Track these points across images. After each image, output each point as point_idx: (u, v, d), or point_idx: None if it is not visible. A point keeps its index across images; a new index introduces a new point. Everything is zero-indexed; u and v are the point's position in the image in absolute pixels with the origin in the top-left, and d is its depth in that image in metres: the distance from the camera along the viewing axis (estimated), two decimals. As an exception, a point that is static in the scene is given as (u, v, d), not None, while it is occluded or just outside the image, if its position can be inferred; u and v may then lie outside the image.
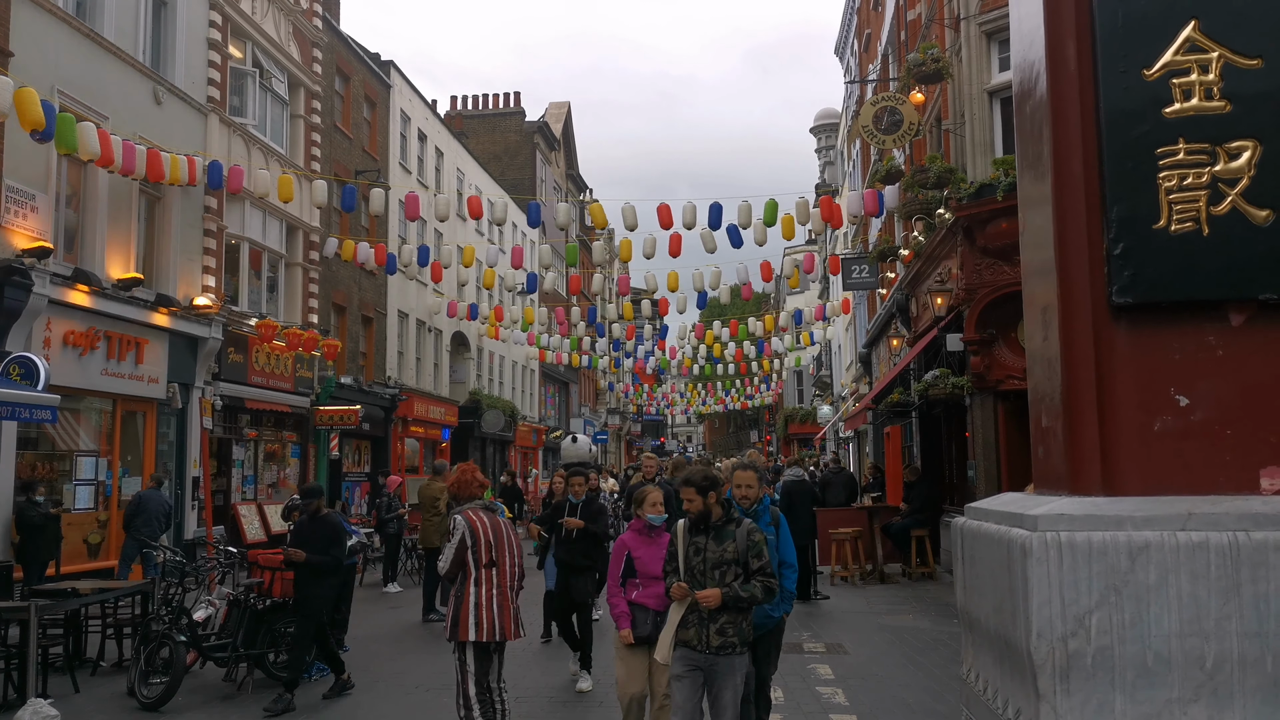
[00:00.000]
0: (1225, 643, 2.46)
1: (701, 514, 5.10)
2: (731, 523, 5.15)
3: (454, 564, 6.21)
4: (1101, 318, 2.75)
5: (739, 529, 5.10)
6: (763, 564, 4.99)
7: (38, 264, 12.83)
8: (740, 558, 5.01)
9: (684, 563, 5.11)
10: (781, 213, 16.71)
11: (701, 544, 5.10)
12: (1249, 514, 2.52)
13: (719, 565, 5.01)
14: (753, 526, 5.16)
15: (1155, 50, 2.74)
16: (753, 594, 4.96)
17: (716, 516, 5.11)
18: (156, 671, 8.69)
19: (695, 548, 5.10)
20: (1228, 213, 2.68)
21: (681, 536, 5.20)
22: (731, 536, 5.08)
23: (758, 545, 5.03)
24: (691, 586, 5.03)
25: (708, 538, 5.09)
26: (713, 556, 5.05)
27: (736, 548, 5.03)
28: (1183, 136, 2.71)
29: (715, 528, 5.11)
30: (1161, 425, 2.71)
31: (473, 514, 6.39)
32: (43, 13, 13.51)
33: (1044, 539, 2.54)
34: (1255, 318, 2.70)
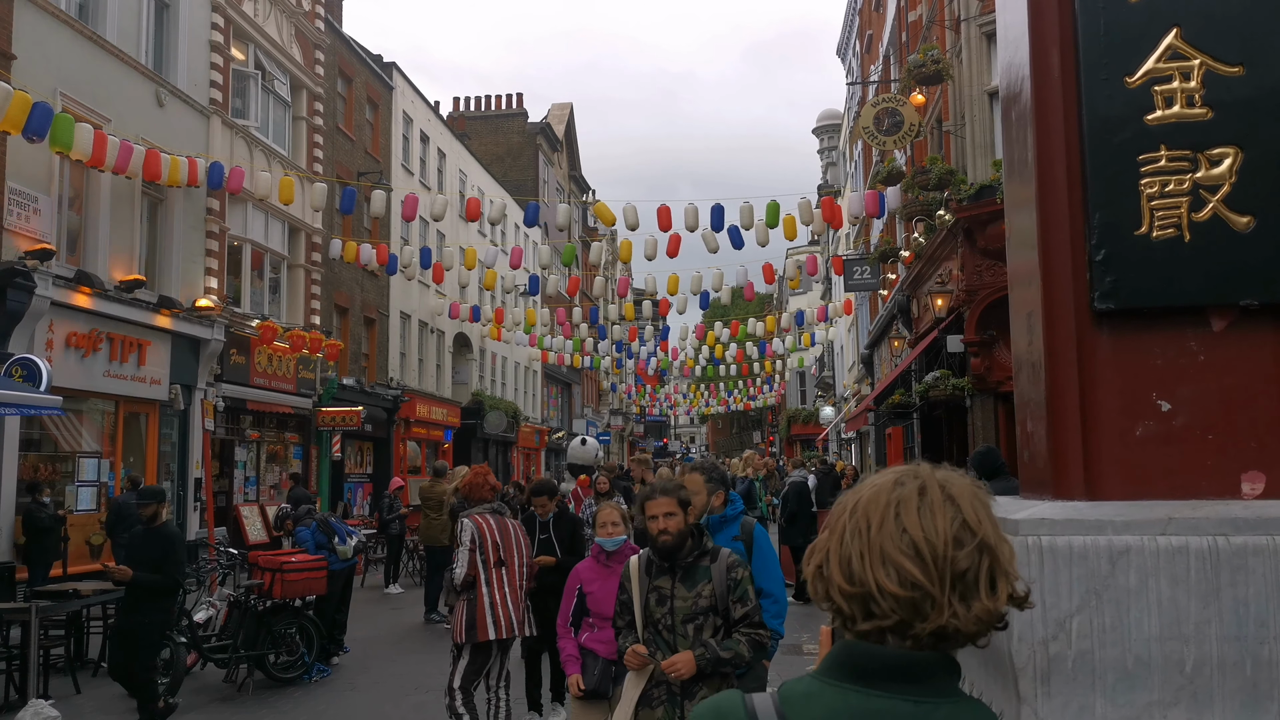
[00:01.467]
0: (1205, 646, 2.48)
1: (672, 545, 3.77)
2: (705, 556, 3.84)
3: (470, 566, 6.32)
4: (1084, 323, 2.77)
5: (715, 564, 3.79)
6: (749, 610, 3.74)
7: (40, 266, 12.88)
8: (719, 604, 3.75)
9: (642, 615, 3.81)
10: (783, 213, 16.74)
11: (666, 589, 3.77)
12: (1229, 518, 2.54)
13: (691, 617, 3.72)
14: (734, 559, 3.84)
15: (1137, 57, 2.76)
16: (738, 653, 3.69)
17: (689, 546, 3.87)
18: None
19: (658, 594, 3.77)
20: (1209, 219, 2.70)
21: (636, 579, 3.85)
22: (706, 576, 3.77)
23: (741, 585, 3.77)
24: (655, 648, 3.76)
25: (674, 579, 3.78)
26: (683, 606, 3.75)
27: (713, 590, 3.75)
28: (1164, 143, 2.73)
29: (684, 566, 3.81)
30: (1143, 430, 2.73)
31: (479, 517, 6.53)
32: (45, 15, 13.58)
33: (1025, 543, 2.56)
34: (1237, 323, 2.71)
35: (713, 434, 77.58)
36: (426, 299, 27.53)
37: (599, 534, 5.04)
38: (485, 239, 30.21)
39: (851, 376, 31.56)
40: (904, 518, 1.28)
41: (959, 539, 1.27)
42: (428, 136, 28.23)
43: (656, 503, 3.82)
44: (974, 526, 1.29)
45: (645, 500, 3.86)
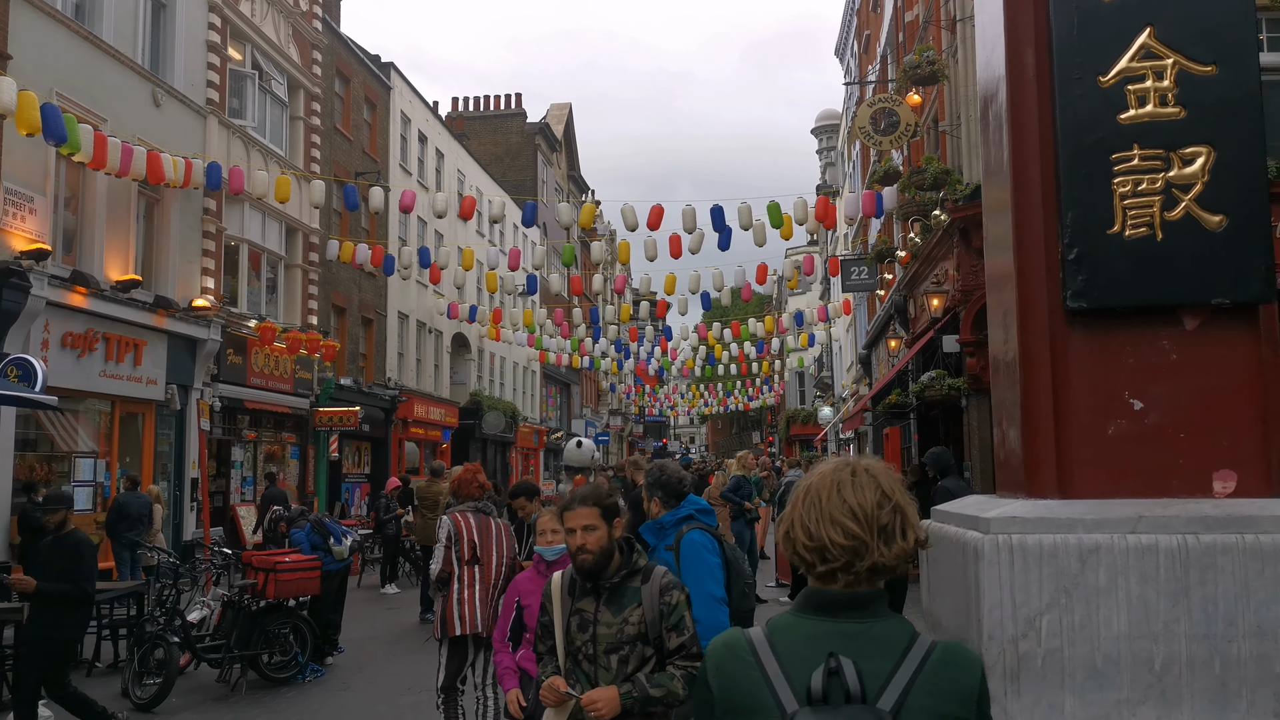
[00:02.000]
0: (1174, 645, 2.48)
1: (592, 564, 3.26)
2: (635, 575, 3.31)
3: (445, 563, 6.37)
4: (1058, 322, 2.77)
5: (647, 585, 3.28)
6: (685, 640, 3.21)
7: (36, 266, 12.88)
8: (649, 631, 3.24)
9: (564, 643, 3.34)
10: (785, 214, 16.75)
11: (589, 612, 3.28)
12: (1199, 517, 2.54)
13: (615, 647, 3.23)
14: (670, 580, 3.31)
15: (1111, 57, 2.77)
16: (671, 691, 3.18)
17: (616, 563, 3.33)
18: (150, 672, 8.74)
19: (580, 619, 3.29)
20: (1181, 218, 2.70)
21: (557, 599, 3.39)
22: (636, 598, 3.26)
23: (677, 611, 3.23)
24: (576, 680, 3.27)
25: (598, 602, 3.28)
26: (607, 633, 3.25)
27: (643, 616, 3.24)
28: (1137, 142, 2.74)
29: (610, 586, 3.29)
30: (1116, 429, 2.73)
31: (459, 515, 6.57)
32: (41, 15, 13.57)
33: (995, 541, 2.56)
34: (1209, 322, 2.72)
35: (712, 434, 77.57)
36: (425, 299, 27.54)
37: (538, 542, 4.62)
38: (484, 239, 30.21)
39: (850, 377, 31.57)
40: (843, 492, 1.81)
41: (880, 503, 1.80)
42: (426, 136, 28.24)
43: (574, 514, 3.31)
44: (890, 495, 1.82)
45: (563, 511, 3.37)
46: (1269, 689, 2.47)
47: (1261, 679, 2.47)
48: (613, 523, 3.35)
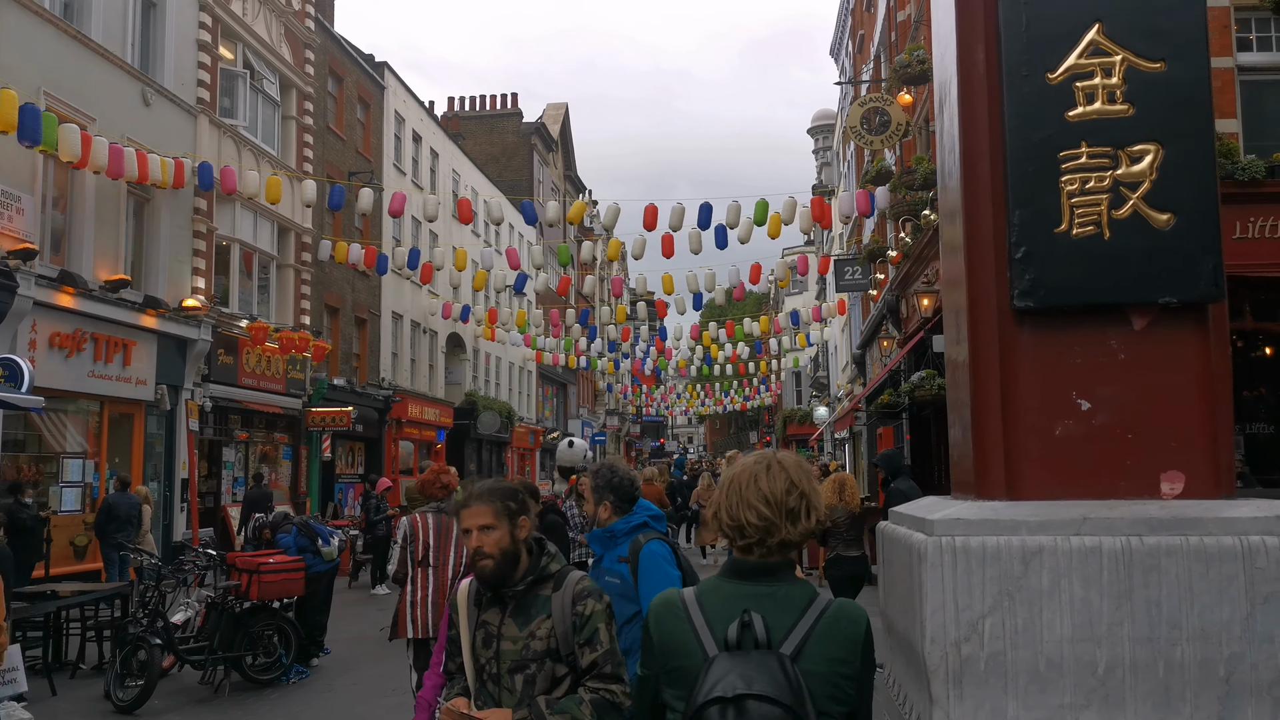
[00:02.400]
0: (1117, 648, 2.45)
1: (492, 570, 2.91)
2: (545, 582, 2.96)
3: (400, 564, 6.39)
4: (1006, 322, 2.74)
5: (558, 593, 2.91)
6: (599, 656, 2.84)
7: (23, 266, 12.86)
8: (561, 647, 2.87)
9: (471, 660, 2.99)
10: (774, 213, 16.72)
11: (494, 625, 2.94)
12: (1144, 518, 2.51)
13: (521, 665, 2.88)
14: (584, 587, 2.93)
15: (1059, 54, 2.74)
16: (575, 718, 2.81)
17: (523, 568, 2.96)
18: (132, 674, 8.71)
19: (485, 633, 2.96)
20: (1129, 216, 2.67)
21: (464, 611, 3.04)
22: (545, 609, 2.91)
23: (591, 624, 2.86)
24: (484, 703, 2.95)
25: (504, 613, 2.94)
26: (511, 649, 2.90)
27: (553, 629, 2.88)
28: (1085, 140, 2.71)
29: (516, 596, 2.95)
30: (1063, 429, 2.70)
31: (418, 515, 6.54)
32: (29, 14, 13.55)
33: (939, 543, 2.53)
34: (1157, 321, 2.68)
35: (710, 434, 77.57)
36: (419, 299, 27.51)
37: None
38: (479, 239, 30.19)
39: (845, 377, 31.54)
40: (759, 482, 2.18)
41: (788, 491, 2.17)
42: (420, 136, 28.21)
43: (470, 512, 2.93)
44: (797, 484, 2.19)
45: (458, 510, 2.99)
46: (1212, 693, 2.44)
47: (1205, 682, 2.44)
48: (516, 522, 2.96)
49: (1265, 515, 2.51)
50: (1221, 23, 12.10)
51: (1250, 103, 12.16)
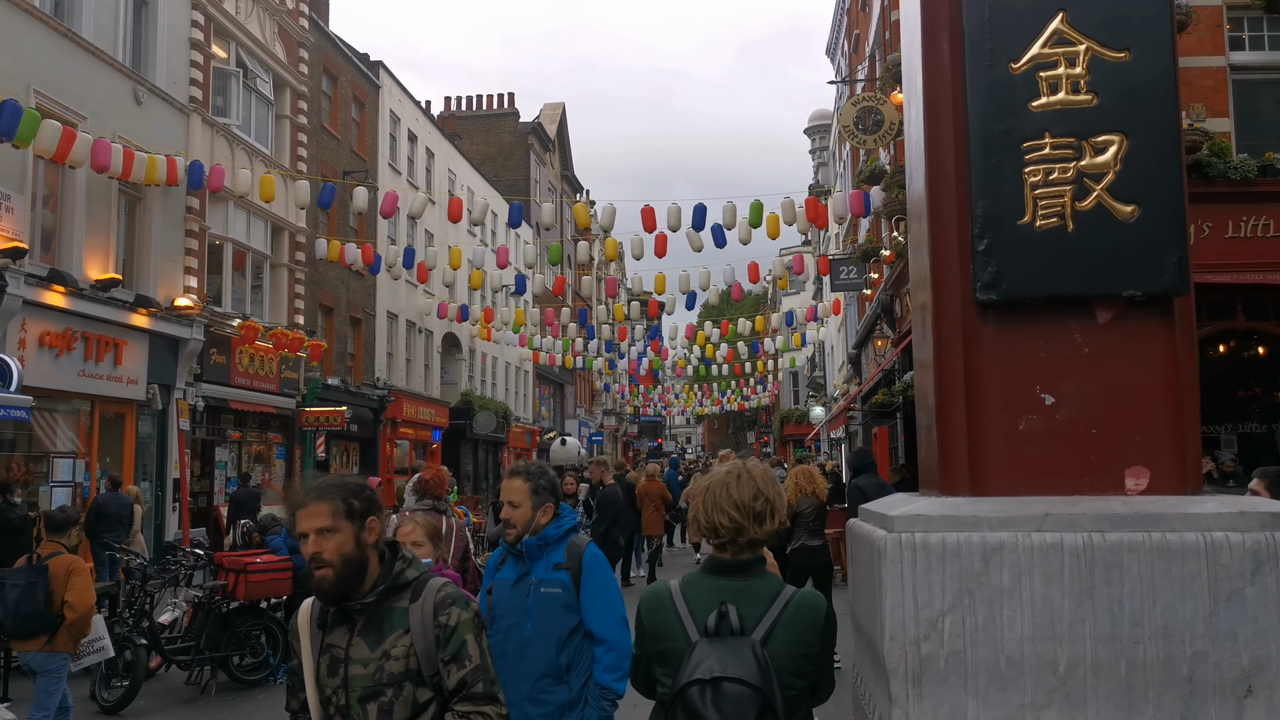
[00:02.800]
0: (1078, 646, 2.41)
1: (332, 582, 2.48)
2: (399, 592, 2.56)
3: None
4: (970, 316, 2.71)
5: (417, 603, 2.53)
6: (467, 674, 2.48)
7: (12, 264, 12.82)
8: (424, 666, 2.50)
9: (316, 693, 2.56)
10: (769, 213, 16.69)
11: (340, 648, 2.54)
12: (1106, 515, 2.47)
13: (374, 693, 2.48)
14: (446, 594, 2.55)
15: (1022, 42, 2.70)
16: None
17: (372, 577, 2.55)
18: (118, 674, 8.68)
19: (330, 657, 2.55)
20: (1093, 208, 2.63)
21: (305, 636, 2.62)
22: (402, 623, 2.51)
23: (456, 635, 2.49)
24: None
25: (352, 632, 2.53)
26: (361, 674, 2.50)
27: (412, 646, 2.49)
28: (1049, 130, 2.67)
29: (365, 611, 2.54)
30: (1027, 425, 2.66)
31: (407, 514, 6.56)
32: (19, 12, 13.51)
33: (898, 540, 2.49)
34: (1121, 315, 2.65)
35: (709, 434, 77.53)
36: (414, 298, 27.47)
37: None
38: (475, 239, 30.14)
39: (841, 376, 31.51)
40: (730, 490, 2.54)
41: (755, 497, 2.53)
42: (415, 136, 28.17)
43: (306, 513, 2.51)
44: (762, 490, 2.54)
45: (294, 509, 2.57)
46: (1175, 692, 2.40)
47: (1168, 681, 2.40)
48: (362, 524, 2.54)
49: (1229, 511, 2.47)
50: (1214, 22, 12.07)
51: (1242, 102, 12.14)
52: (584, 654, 3.56)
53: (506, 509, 3.69)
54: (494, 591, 3.71)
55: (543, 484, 3.72)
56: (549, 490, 3.74)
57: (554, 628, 3.54)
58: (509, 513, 3.67)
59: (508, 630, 3.57)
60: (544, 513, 3.69)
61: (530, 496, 3.67)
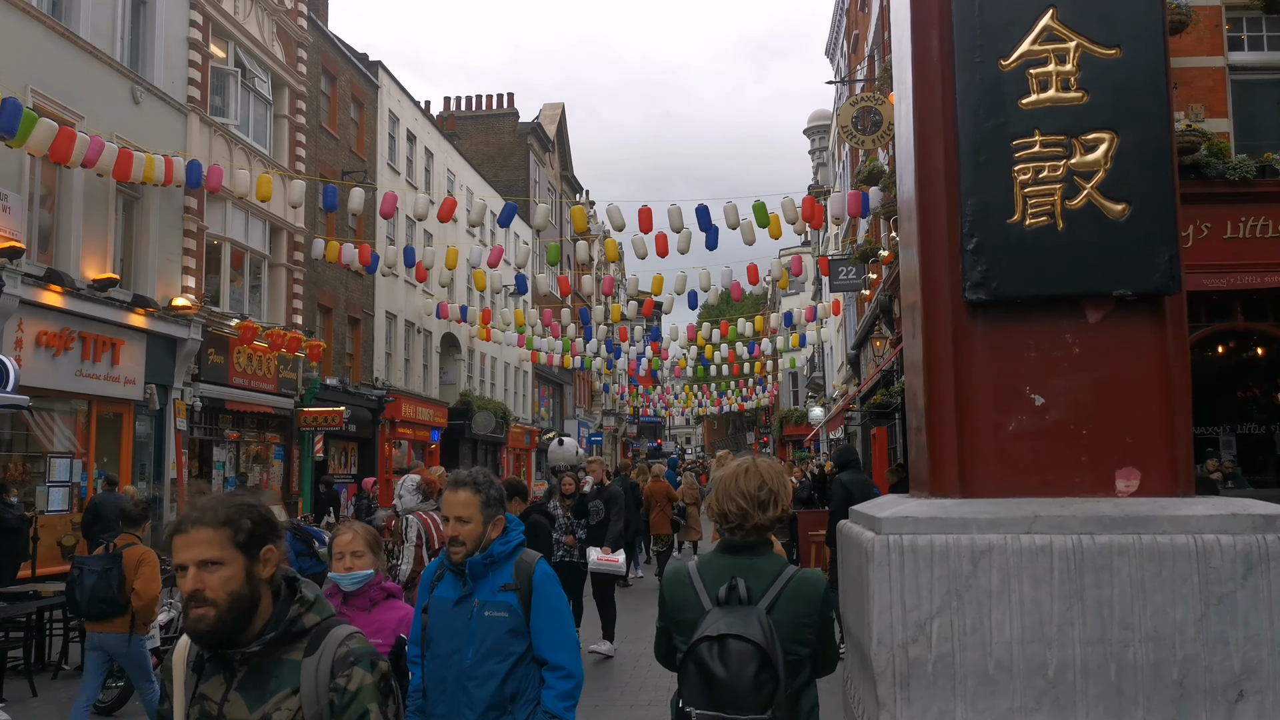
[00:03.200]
0: (1068, 649, 2.38)
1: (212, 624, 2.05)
2: (293, 643, 2.14)
3: (415, 561, 6.44)
4: (960, 315, 2.68)
5: (312, 658, 2.11)
6: None
7: (9, 264, 12.80)
8: None
9: None
10: (770, 213, 16.67)
11: (214, 701, 2.13)
12: (1095, 516, 2.44)
13: None
14: (350, 650, 2.12)
15: (1012, 39, 2.67)
16: None
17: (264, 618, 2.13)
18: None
19: (201, 709, 2.15)
20: (1083, 206, 2.60)
21: (179, 680, 2.22)
22: (292, 680, 2.10)
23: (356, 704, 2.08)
24: None
25: (229, 684, 2.12)
26: None
27: (300, 711, 2.07)
28: (1039, 128, 2.64)
29: (248, 659, 2.11)
30: (1016, 425, 2.63)
31: (424, 514, 6.68)
32: (16, 11, 13.49)
33: (886, 542, 2.46)
34: (1112, 314, 2.62)
35: (708, 434, 77.52)
36: (413, 299, 27.44)
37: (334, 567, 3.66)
38: (474, 239, 30.12)
39: (840, 377, 31.49)
40: (739, 481, 2.84)
41: (760, 488, 2.82)
42: (414, 136, 28.15)
43: (187, 539, 2.07)
44: (767, 482, 2.83)
45: (170, 534, 2.14)
46: (1165, 695, 2.37)
47: (1158, 685, 2.37)
48: (255, 554, 2.09)
49: (1220, 514, 2.44)
50: (1213, 22, 12.05)
51: (1241, 102, 12.11)
52: (531, 682, 3.25)
53: (453, 525, 3.31)
54: (430, 612, 3.33)
55: (493, 494, 3.40)
56: (499, 501, 3.43)
57: (499, 654, 3.21)
58: (457, 529, 3.30)
59: (447, 657, 3.24)
60: (494, 527, 3.37)
61: (481, 509, 3.32)
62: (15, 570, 12.20)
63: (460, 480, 3.39)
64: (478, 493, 3.33)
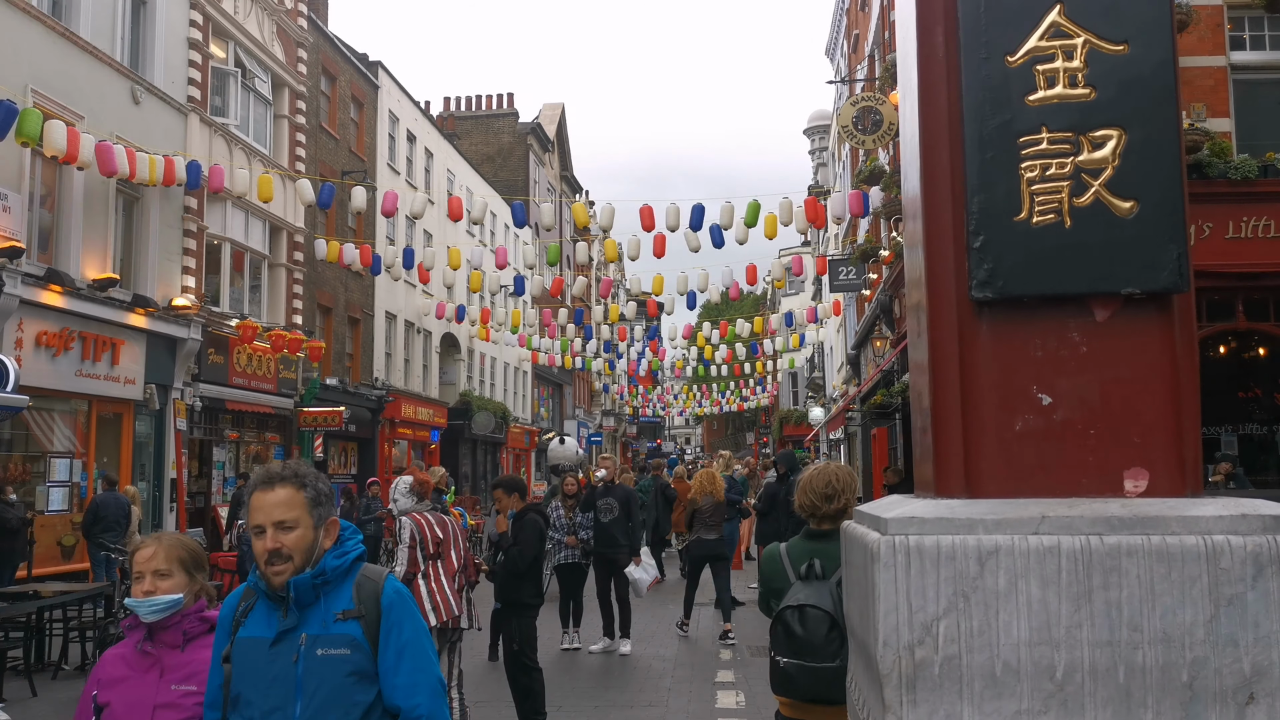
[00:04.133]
0: (1076, 652, 2.35)
1: None
2: None
3: (410, 563, 6.56)
4: (965, 314, 2.65)
5: None
6: None
7: (9, 264, 12.79)
8: None
9: None
10: (767, 213, 16.64)
11: None
12: (1104, 517, 2.42)
13: None
14: None
15: (1019, 35, 2.64)
16: None
17: None
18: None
19: None
20: (1091, 204, 2.58)
21: None
22: None
23: None
24: None
25: None
26: None
27: None
28: (1046, 125, 2.61)
29: None
30: (1023, 425, 2.60)
31: (418, 515, 6.77)
32: (16, 11, 13.48)
33: (891, 543, 2.44)
34: (1120, 313, 2.59)
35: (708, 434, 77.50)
36: (413, 299, 27.43)
37: (133, 590, 2.81)
38: (474, 239, 30.10)
39: (840, 377, 31.46)
40: (813, 480, 3.73)
41: (829, 485, 3.69)
42: (414, 136, 28.13)
43: None
44: (834, 482, 3.69)
45: None
46: (1174, 698, 2.35)
47: (1167, 687, 2.34)
48: None
49: (1230, 514, 2.41)
50: (1214, 21, 12.02)
51: (1243, 102, 12.08)
52: None
53: (272, 534, 2.49)
54: (235, 659, 2.51)
55: (322, 490, 2.62)
56: (329, 499, 2.64)
57: (339, 707, 2.45)
58: (279, 538, 2.49)
59: (264, 719, 2.46)
60: (327, 533, 2.59)
61: (309, 510, 2.54)
62: (14, 570, 12.19)
63: (275, 475, 2.57)
64: (302, 488, 2.55)
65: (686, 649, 10.96)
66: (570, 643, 10.75)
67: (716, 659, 10.27)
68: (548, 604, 8.55)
